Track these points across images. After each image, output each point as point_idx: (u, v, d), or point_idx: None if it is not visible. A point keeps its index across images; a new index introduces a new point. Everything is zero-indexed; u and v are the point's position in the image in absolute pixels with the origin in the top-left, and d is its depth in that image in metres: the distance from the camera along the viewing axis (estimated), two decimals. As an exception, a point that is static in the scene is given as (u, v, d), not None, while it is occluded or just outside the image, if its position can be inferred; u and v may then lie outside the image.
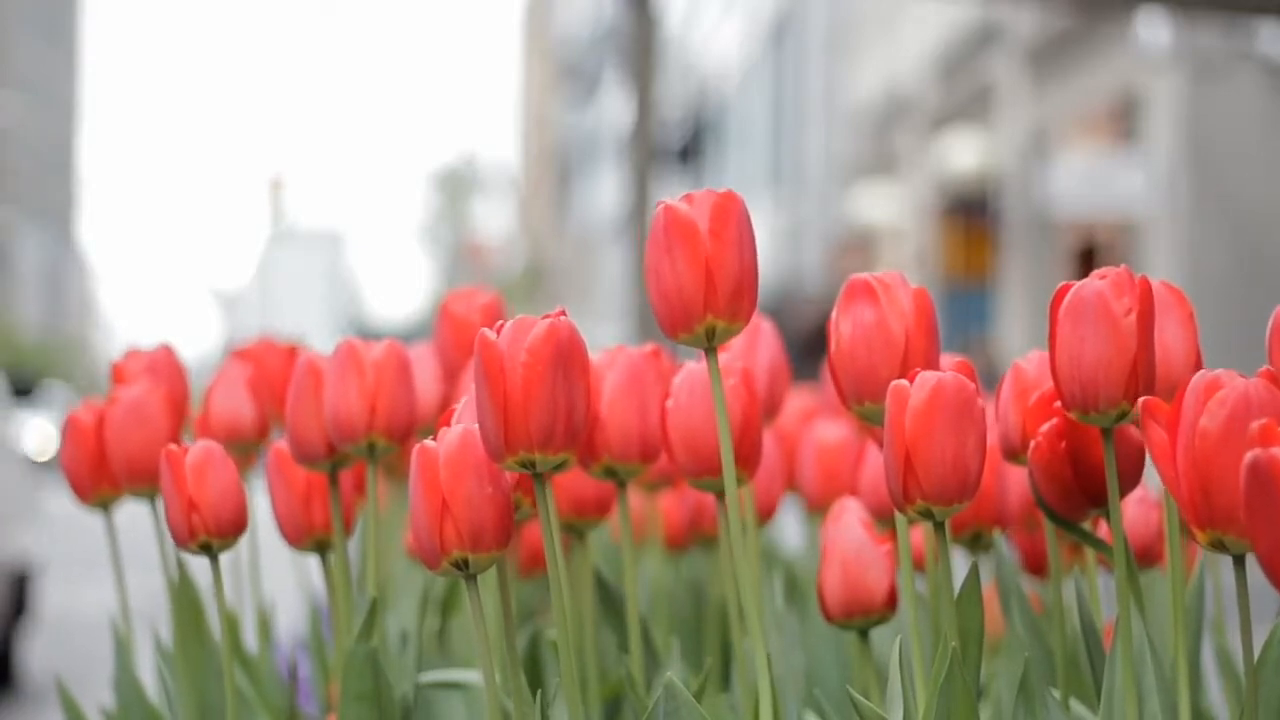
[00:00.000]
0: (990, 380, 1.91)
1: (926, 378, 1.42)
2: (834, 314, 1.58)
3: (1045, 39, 16.53)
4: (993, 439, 1.73)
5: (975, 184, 19.15)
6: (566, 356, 1.44)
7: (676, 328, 1.51)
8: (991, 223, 18.64)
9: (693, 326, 1.50)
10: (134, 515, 2.41)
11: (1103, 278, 1.46)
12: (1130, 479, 1.59)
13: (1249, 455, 1.12)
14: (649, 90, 15.18)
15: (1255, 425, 1.16)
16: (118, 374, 2.09)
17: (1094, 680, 1.60)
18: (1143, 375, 1.45)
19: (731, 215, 1.50)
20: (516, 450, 1.44)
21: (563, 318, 1.46)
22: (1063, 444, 1.58)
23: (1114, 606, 1.63)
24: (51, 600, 10.02)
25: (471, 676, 1.88)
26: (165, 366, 2.11)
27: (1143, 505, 1.90)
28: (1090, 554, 1.75)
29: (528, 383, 1.43)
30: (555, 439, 1.44)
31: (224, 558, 1.76)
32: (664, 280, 1.50)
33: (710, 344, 1.52)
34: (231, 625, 2.15)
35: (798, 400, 2.53)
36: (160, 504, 1.96)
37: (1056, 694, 1.63)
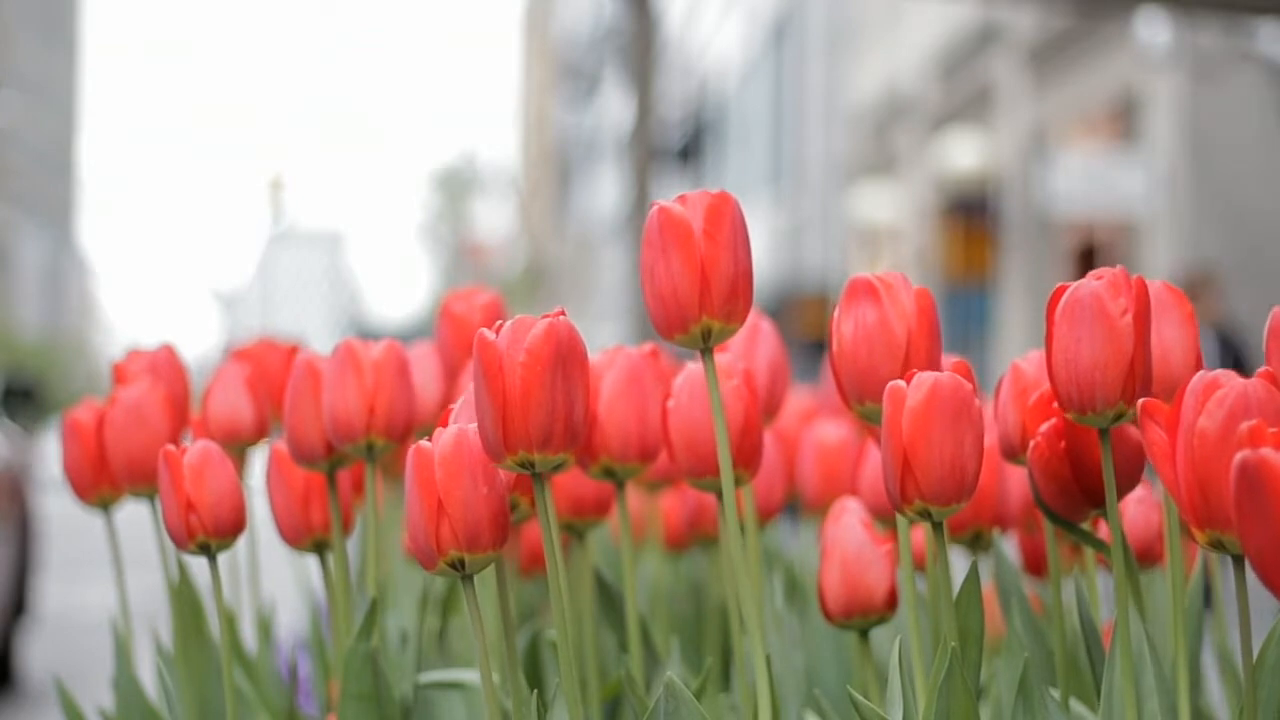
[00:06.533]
0: None
1: (924, 378, 1.42)
2: (836, 313, 1.58)
3: (1045, 39, 16.51)
4: (992, 439, 1.73)
5: (975, 184, 19.12)
6: (566, 357, 1.44)
7: (672, 329, 1.50)
8: (991, 223, 18.61)
9: (688, 327, 1.50)
10: (134, 515, 2.41)
11: (1099, 278, 1.46)
12: (1130, 479, 1.59)
13: (1238, 456, 1.11)
14: (649, 90, 15.18)
15: (1244, 426, 1.16)
16: (119, 374, 2.09)
17: (1094, 680, 1.60)
18: (1140, 376, 1.45)
19: (725, 216, 1.50)
20: (515, 450, 1.44)
21: (562, 318, 1.45)
22: (1062, 444, 1.57)
23: (1114, 607, 1.63)
24: (51, 600, 10.01)
25: (471, 676, 1.88)
26: (167, 367, 2.11)
27: (1143, 505, 1.90)
28: (1090, 554, 1.75)
29: (526, 383, 1.43)
30: (554, 439, 1.44)
31: (224, 557, 1.76)
32: (659, 281, 1.50)
33: (706, 345, 1.52)
34: (230, 625, 2.15)
35: (798, 400, 2.53)
36: (159, 504, 1.96)
37: (1056, 694, 1.63)
